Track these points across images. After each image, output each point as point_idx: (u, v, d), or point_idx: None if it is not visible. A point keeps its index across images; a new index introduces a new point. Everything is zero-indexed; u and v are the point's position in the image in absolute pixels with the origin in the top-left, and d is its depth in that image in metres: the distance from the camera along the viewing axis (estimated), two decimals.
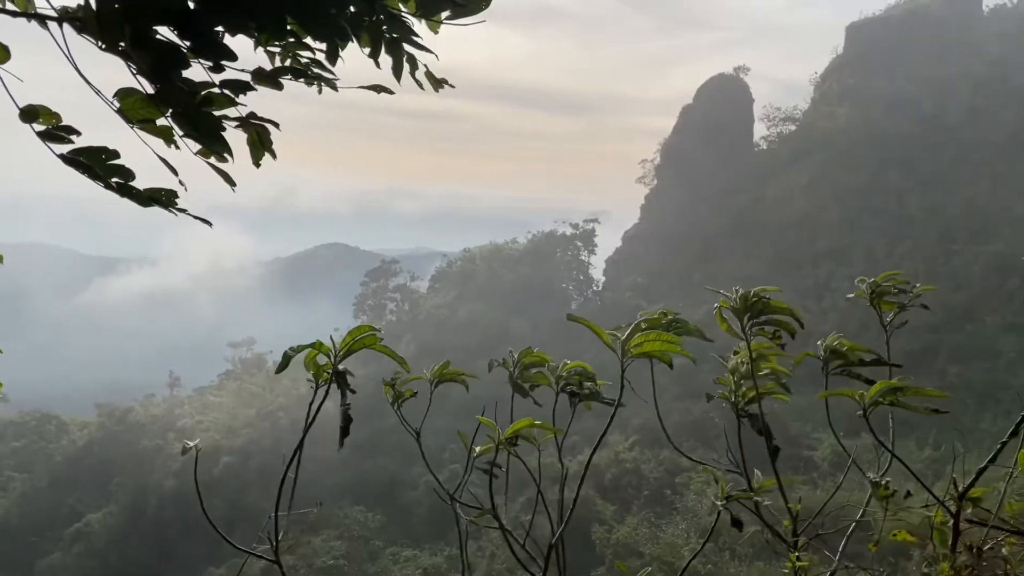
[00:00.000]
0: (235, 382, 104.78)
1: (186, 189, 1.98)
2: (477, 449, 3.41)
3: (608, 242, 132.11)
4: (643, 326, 3.00)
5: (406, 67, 2.61)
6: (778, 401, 4.57)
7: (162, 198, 1.99)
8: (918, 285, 3.68)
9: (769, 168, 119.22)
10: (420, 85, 2.69)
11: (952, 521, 3.16)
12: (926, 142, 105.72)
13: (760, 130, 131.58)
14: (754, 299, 3.13)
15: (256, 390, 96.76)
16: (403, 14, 2.45)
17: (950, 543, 3.16)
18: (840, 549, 3.52)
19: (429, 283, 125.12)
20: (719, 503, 3.35)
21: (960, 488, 3.17)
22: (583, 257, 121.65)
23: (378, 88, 2.50)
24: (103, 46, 1.78)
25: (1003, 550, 3.14)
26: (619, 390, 3.16)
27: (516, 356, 3.35)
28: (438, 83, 2.73)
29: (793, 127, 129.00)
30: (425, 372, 3.57)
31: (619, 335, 3.04)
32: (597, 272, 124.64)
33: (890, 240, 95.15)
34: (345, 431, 2.74)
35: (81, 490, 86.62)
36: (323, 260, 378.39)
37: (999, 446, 3.33)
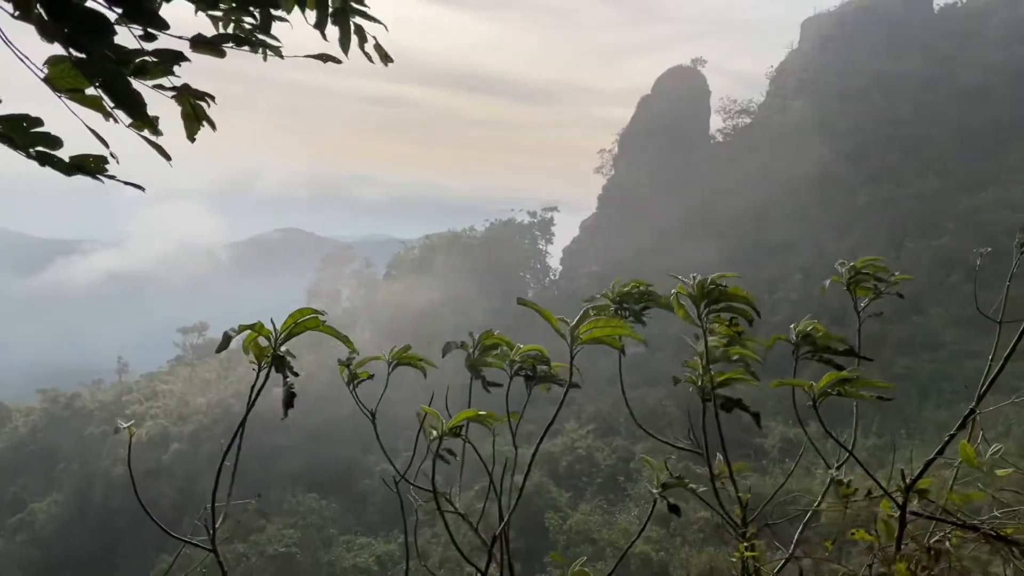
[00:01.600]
0: (186, 368, 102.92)
1: (118, 162, 1.87)
2: (434, 432, 3.34)
3: (567, 231, 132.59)
4: (591, 312, 2.97)
5: (354, 40, 2.53)
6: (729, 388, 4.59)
7: (89, 165, 1.86)
8: (896, 273, 3.69)
9: (725, 160, 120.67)
10: (369, 58, 2.60)
11: (899, 513, 3.18)
12: (877, 136, 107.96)
13: (716, 122, 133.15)
14: (711, 286, 3.12)
15: (209, 376, 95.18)
16: None
17: (896, 535, 3.18)
18: (795, 538, 3.54)
19: (386, 270, 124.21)
20: (655, 491, 3.36)
21: (907, 480, 3.19)
22: (541, 246, 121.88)
23: (324, 57, 2.41)
24: (16, 13, 1.66)
25: (947, 543, 3.16)
26: (569, 376, 3.13)
27: (476, 338, 3.30)
28: (387, 57, 2.65)
29: (748, 120, 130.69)
30: (383, 353, 3.50)
31: (568, 322, 3.01)
32: (554, 261, 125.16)
33: (840, 233, 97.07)
34: (288, 404, 2.66)
35: (25, 477, 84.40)
36: (277, 245, 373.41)
37: (946, 438, 3.37)
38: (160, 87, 1.95)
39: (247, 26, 2.29)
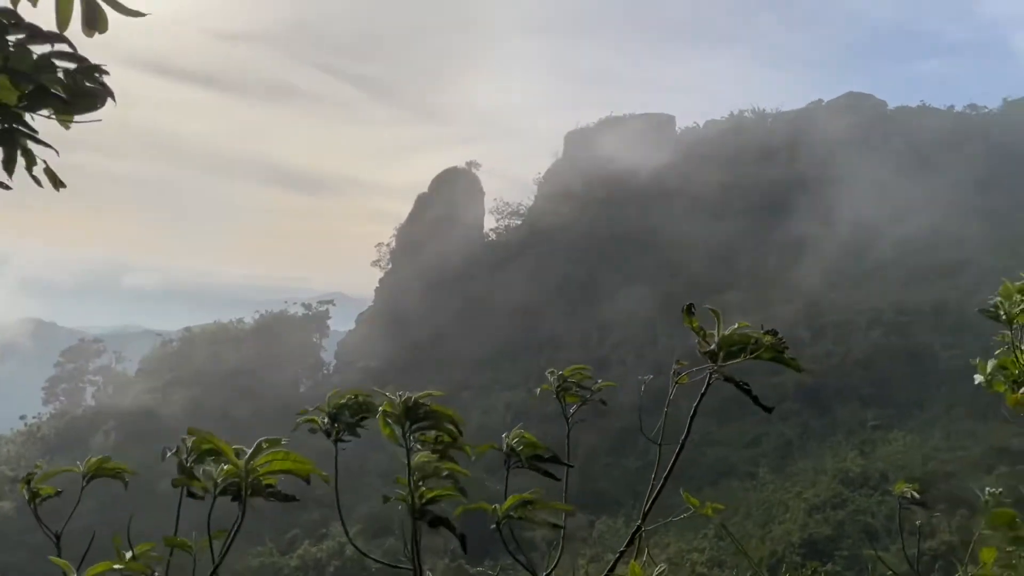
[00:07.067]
0: None
1: None
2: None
3: (342, 324, 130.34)
4: (263, 446, 2.87)
5: (21, 161, 2.38)
6: (497, 482, 4.61)
7: None
8: (600, 381, 3.96)
9: (498, 258, 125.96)
10: (38, 182, 2.45)
11: None
12: (635, 242, 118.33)
13: (490, 222, 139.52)
14: (414, 404, 3.18)
15: None
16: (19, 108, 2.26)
17: None
18: None
19: (139, 365, 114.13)
20: None
21: None
22: (315, 339, 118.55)
23: None
24: None
25: None
26: (242, 506, 2.91)
27: (189, 444, 2.98)
28: (58, 182, 2.49)
29: (519, 221, 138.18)
30: (78, 465, 3.10)
31: (246, 451, 2.87)
32: (329, 355, 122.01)
33: (603, 329, 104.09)
34: None
35: None
36: (8, 339, 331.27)
37: (617, 555, 3.58)
38: None
39: None
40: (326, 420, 3.22)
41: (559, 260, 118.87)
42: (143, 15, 2.49)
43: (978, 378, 4.41)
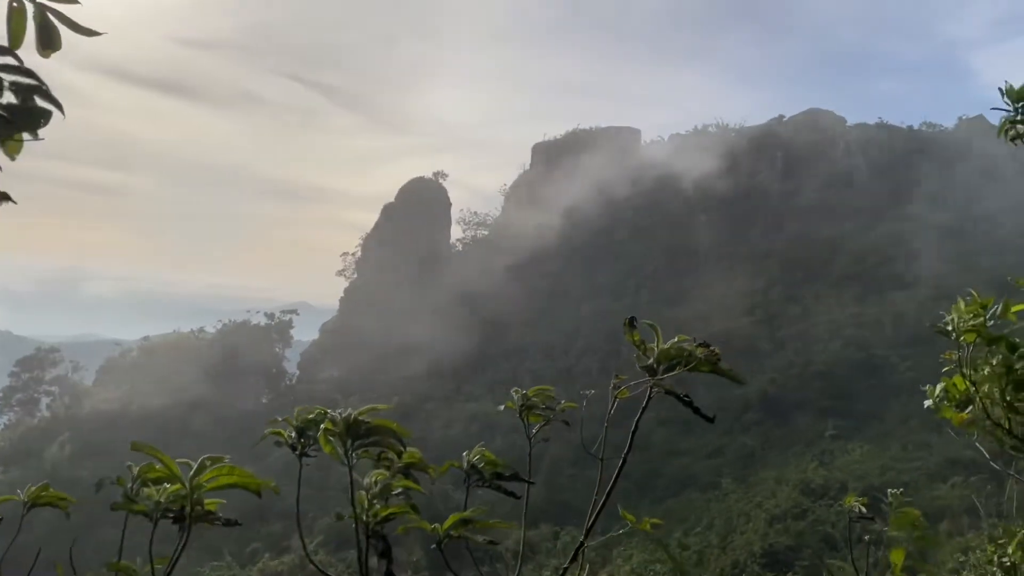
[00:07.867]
0: None
1: None
2: None
3: (306, 334, 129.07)
4: (207, 464, 2.84)
5: None
6: (463, 494, 4.60)
7: None
8: (563, 401, 4.01)
9: (465, 268, 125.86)
10: None
11: None
12: (600, 253, 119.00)
13: (457, 232, 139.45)
14: (355, 421, 3.16)
15: None
16: None
17: None
18: None
19: (96, 375, 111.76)
20: None
21: None
22: (278, 349, 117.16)
23: None
24: None
25: None
26: (188, 523, 2.88)
27: (136, 471, 2.90)
28: (4, 196, 2.46)
29: (486, 232, 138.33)
30: (19, 493, 3.04)
31: (192, 465, 2.84)
32: (292, 365, 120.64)
33: (568, 339, 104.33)
34: None
35: None
36: None
37: (561, 571, 3.62)
38: None
39: None
40: (293, 434, 3.20)
41: (525, 270, 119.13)
42: (99, 34, 2.45)
43: (928, 403, 4.50)
